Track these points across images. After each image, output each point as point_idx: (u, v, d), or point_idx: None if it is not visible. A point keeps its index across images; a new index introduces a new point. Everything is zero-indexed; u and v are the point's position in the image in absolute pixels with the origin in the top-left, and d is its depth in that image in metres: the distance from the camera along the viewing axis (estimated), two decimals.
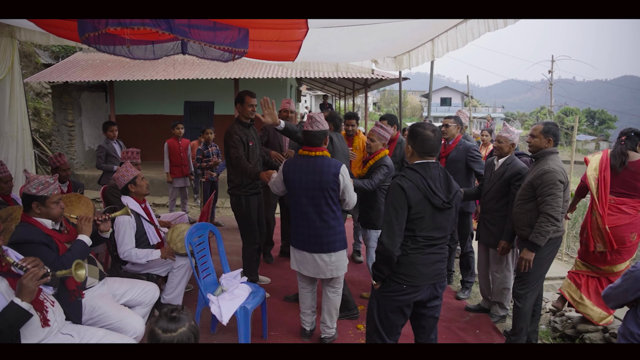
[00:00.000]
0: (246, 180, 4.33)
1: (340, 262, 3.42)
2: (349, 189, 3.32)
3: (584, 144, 47.39)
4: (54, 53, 15.28)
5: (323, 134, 3.37)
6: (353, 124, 5.49)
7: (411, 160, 2.69)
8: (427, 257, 2.62)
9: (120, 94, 10.83)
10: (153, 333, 1.60)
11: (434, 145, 2.62)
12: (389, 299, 2.67)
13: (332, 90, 21.74)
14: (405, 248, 2.59)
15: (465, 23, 4.19)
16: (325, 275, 3.40)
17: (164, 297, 3.87)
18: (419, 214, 2.54)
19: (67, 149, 10.15)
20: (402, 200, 2.52)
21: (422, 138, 2.61)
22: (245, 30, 3.96)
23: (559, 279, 5.45)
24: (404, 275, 2.61)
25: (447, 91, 60.14)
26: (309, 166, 3.32)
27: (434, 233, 2.61)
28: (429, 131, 2.62)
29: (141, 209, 4.02)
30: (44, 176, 2.91)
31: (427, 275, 2.64)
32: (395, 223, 2.53)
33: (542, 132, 3.46)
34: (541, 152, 3.47)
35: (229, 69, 9.57)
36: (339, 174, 3.26)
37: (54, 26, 4.59)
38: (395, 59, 6.21)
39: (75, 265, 2.40)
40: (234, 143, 4.20)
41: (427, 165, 2.61)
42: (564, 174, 3.33)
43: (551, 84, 10.89)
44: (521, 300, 3.48)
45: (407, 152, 2.73)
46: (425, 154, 2.63)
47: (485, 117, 20.22)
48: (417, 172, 2.58)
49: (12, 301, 2.19)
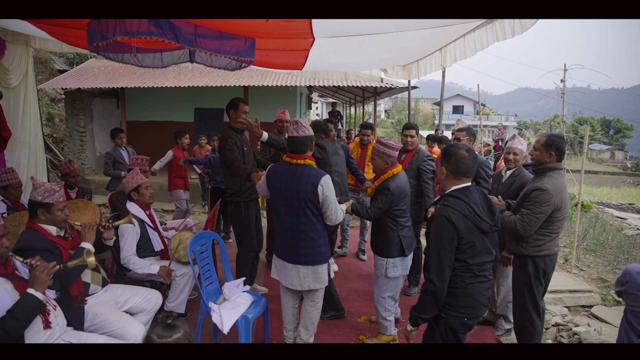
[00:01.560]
0: (245, 185, 4.36)
1: (318, 275, 3.25)
2: (330, 201, 3.09)
3: (598, 153, 46.91)
4: (68, 59, 15.54)
5: (309, 140, 3.18)
6: (368, 134, 5.84)
7: (447, 185, 2.58)
8: (482, 286, 2.54)
9: (131, 100, 10.96)
10: (149, 339, 1.65)
11: (470, 165, 2.53)
12: (450, 336, 2.56)
13: (342, 98, 21.78)
14: (463, 279, 2.48)
15: (474, 33, 4.17)
16: (302, 287, 3.24)
17: (167, 305, 3.88)
18: (470, 242, 2.44)
19: (78, 154, 10.29)
20: (451, 235, 2.40)
21: (456, 158, 2.52)
22: (252, 40, 4.00)
23: (568, 292, 5.37)
24: (462, 307, 2.51)
25: (459, 99, 59.91)
26: (289, 174, 3.15)
27: (484, 258, 2.53)
28: (463, 151, 2.53)
29: (145, 216, 4.05)
30: (49, 183, 2.99)
31: (484, 304, 2.57)
32: (445, 260, 2.42)
33: (543, 145, 3.30)
34: (542, 167, 3.32)
35: (239, 77, 9.64)
36: (318, 185, 3.04)
37: (65, 35, 4.67)
38: (404, 68, 6.21)
39: (85, 253, 2.56)
40: (230, 146, 4.26)
41: (467, 190, 2.51)
42: (557, 196, 3.18)
43: (563, 93, 10.77)
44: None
45: (441, 174, 2.61)
46: (461, 175, 2.53)
47: (497, 125, 20.07)
48: (461, 200, 2.46)
49: (27, 292, 2.32)
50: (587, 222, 9.22)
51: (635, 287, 2.16)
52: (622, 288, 2.27)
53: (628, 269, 2.24)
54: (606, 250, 7.36)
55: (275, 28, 3.58)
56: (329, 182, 3.13)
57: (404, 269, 3.69)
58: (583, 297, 5.33)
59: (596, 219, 9.40)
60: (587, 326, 4.34)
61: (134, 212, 3.95)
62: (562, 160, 3.33)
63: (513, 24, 3.55)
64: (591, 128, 50.00)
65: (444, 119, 45.45)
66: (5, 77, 5.73)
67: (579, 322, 4.43)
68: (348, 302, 4.69)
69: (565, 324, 4.44)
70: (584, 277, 6.05)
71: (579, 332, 4.04)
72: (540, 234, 3.29)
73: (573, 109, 52.63)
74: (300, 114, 14.20)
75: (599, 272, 6.28)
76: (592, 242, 7.73)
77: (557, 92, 12.18)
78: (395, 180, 3.52)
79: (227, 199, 4.51)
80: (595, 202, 14.50)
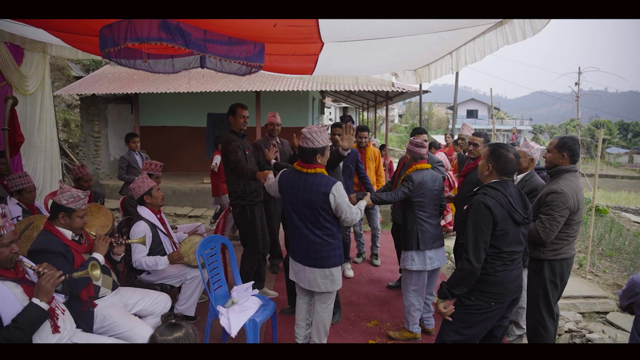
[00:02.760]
0: (249, 188, 4.42)
1: (333, 277, 3.30)
2: (343, 207, 3.13)
3: (616, 157, 46.12)
4: (84, 66, 15.80)
5: (312, 152, 3.16)
6: (365, 136, 5.87)
7: (487, 179, 2.79)
8: (512, 274, 2.73)
9: (145, 105, 11.10)
10: (152, 337, 1.72)
11: (514, 168, 2.75)
12: (473, 315, 2.74)
13: (355, 102, 21.78)
14: (494, 266, 2.68)
15: (483, 36, 4.16)
16: (319, 288, 3.30)
17: (177, 308, 3.91)
18: (503, 230, 2.64)
19: (93, 159, 10.43)
20: (488, 219, 2.61)
21: (505, 160, 2.71)
22: (261, 45, 4.03)
23: (582, 298, 5.29)
24: (491, 293, 2.70)
25: (473, 103, 59.55)
26: (299, 183, 3.20)
27: (515, 247, 2.71)
28: (511, 154, 2.73)
29: (157, 220, 4.09)
30: (77, 190, 3.07)
31: (511, 291, 2.76)
32: (481, 242, 2.62)
33: (556, 147, 3.31)
34: (556, 169, 3.32)
35: (251, 82, 9.70)
36: (330, 194, 3.09)
37: (79, 41, 4.76)
38: (415, 72, 6.20)
39: (90, 266, 2.53)
40: (233, 148, 4.34)
41: (505, 184, 2.72)
42: (573, 198, 3.17)
43: (578, 96, 10.64)
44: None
45: (484, 170, 2.80)
46: (505, 174, 2.74)
47: (511, 129, 19.90)
48: (499, 190, 2.67)
49: (32, 301, 2.33)
50: (602, 226, 9.06)
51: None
52: (633, 300, 2.19)
53: (635, 280, 2.17)
54: (622, 256, 7.22)
55: (283, 33, 3.60)
56: (341, 189, 3.15)
57: (421, 264, 3.83)
58: (598, 303, 5.24)
59: (612, 224, 9.23)
60: (602, 333, 4.26)
61: (146, 216, 4.00)
62: (576, 162, 3.32)
63: (523, 25, 3.52)
64: (609, 131, 49.24)
65: (458, 124, 45.23)
66: (23, 83, 5.85)
67: (593, 329, 4.35)
68: (358, 307, 4.68)
69: (579, 330, 4.36)
70: (598, 283, 5.94)
71: (593, 339, 3.97)
72: (558, 237, 3.26)
73: (589, 112, 51.91)
74: (313, 119, 14.23)
75: (615, 278, 6.16)
76: (608, 247, 7.59)
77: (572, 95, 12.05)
78: (418, 174, 3.87)
79: (231, 203, 4.56)
80: (613, 207, 14.25)
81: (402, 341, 4.00)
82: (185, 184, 9.81)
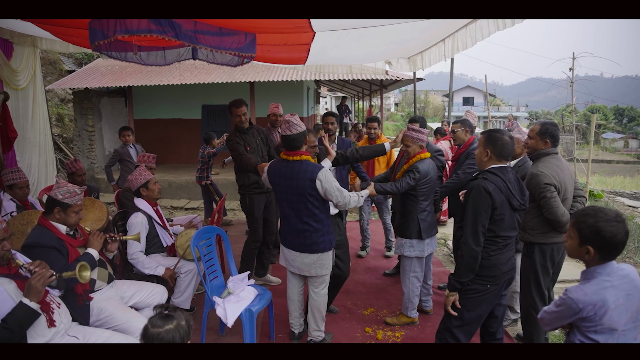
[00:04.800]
0: (248, 180, 4.59)
1: (324, 261, 3.39)
2: (331, 191, 3.19)
3: (611, 142, 46.18)
4: (77, 60, 15.68)
5: (302, 136, 3.29)
6: (375, 126, 5.49)
7: (486, 165, 2.83)
8: (505, 256, 2.80)
9: (138, 98, 11.03)
10: (144, 327, 1.72)
11: (511, 149, 2.82)
12: (472, 299, 2.80)
13: (350, 91, 21.71)
14: (488, 250, 2.74)
15: (475, 23, 4.15)
16: (310, 272, 3.40)
17: (173, 300, 3.93)
18: (501, 215, 2.70)
19: (87, 153, 10.38)
20: (487, 203, 2.67)
21: (502, 143, 2.77)
22: (252, 35, 4.01)
23: (576, 282, 5.32)
24: (486, 276, 2.77)
25: (469, 90, 59.42)
26: (287, 171, 3.28)
27: (510, 233, 2.78)
28: (506, 137, 2.80)
29: (153, 212, 4.09)
30: (73, 185, 3.08)
31: (505, 273, 2.84)
32: (480, 226, 2.68)
33: (538, 133, 3.34)
34: (536, 153, 3.36)
35: (245, 73, 9.65)
36: (316, 180, 3.17)
37: (69, 35, 4.72)
38: (409, 60, 6.18)
39: (79, 267, 2.50)
40: (233, 146, 4.53)
41: (504, 169, 2.78)
42: (554, 177, 3.19)
43: (572, 82, 10.62)
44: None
45: (483, 156, 2.84)
46: (503, 157, 2.80)
47: (507, 116, 19.90)
48: (498, 176, 2.73)
49: (21, 301, 2.31)
50: None
51: (591, 309, 1.86)
52: (577, 317, 1.92)
53: (572, 297, 1.90)
54: None
55: (274, 23, 3.59)
56: (327, 174, 3.23)
57: (420, 251, 3.89)
58: None
59: None
60: None
61: (143, 208, 4.01)
62: (556, 146, 3.35)
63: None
64: (604, 117, 49.29)
65: (454, 111, 45.09)
66: (14, 78, 5.80)
67: None
68: (355, 295, 4.71)
69: None
70: None
71: None
72: (546, 220, 3.28)
73: (585, 98, 51.87)
74: (308, 108, 14.20)
75: None
76: None
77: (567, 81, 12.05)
78: (423, 163, 3.85)
79: (238, 192, 4.77)
80: (608, 192, 14.32)
81: (399, 326, 4.06)
82: (181, 177, 9.79)
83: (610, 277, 1.89)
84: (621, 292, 1.88)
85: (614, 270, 1.90)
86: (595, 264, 1.93)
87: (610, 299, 1.86)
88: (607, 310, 1.85)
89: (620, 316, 1.87)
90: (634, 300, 1.90)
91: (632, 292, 1.90)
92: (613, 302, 1.86)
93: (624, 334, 1.89)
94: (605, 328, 1.88)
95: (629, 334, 1.91)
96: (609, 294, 1.86)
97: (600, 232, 1.87)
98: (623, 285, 1.89)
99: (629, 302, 1.89)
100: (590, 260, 1.93)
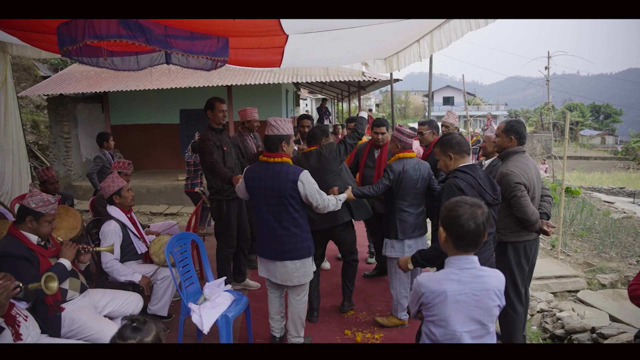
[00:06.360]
0: (226, 185, 4.42)
1: (305, 269, 3.34)
2: (312, 194, 3.18)
3: (589, 138, 47.08)
4: (52, 65, 15.42)
5: (278, 139, 3.23)
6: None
7: (454, 165, 2.90)
8: (484, 256, 2.69)
9: (115, 104, 10.89)
10: (112, 339, 1.67)
11: (466, 142, 2.94)
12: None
13: (329, 93, 21.75)
14: None
15: (448, 23, 4.19)
16: (292, 282, 3.33)
17: (150, 308, 3.88)
18: None
19: (64, 160, 10.18)
20: None
21: (456, 141, 2.91)
22: (225, 39, 3.97)
23: (554, 278, 5.41)
24: None
25: (449, 90, 60.00)
26: (267, 173, 3.22)
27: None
28: (456, 134, 2.99)
29: (127, 219, 4.03)
30: (47, 195, 3.02)
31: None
32: None
33: (503, 131, 3.39)
34: (505, 152, 3.41)
35: (222, 77, 9.59)
36: (298, 181, 3.14)
37: (37, 40, 4.63)
38: (385, 61, 6.21)
39: (45, 278, 2.44)
40: (208, 149, 4.33)
41: (473, 167, 2.86)
42: (524, 176, 3.24)
43: (548, 80, 10.81)
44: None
45: (447, 160, 2.93)
46: (465, 152, 2.90)
47: (486, 115, 20.14)
48: (468, 173, 2.81)
49: None
50: (574, 207, 9.28)
51: (429, 295, 1.92)
52: (421, 301, 1.97)
53: (419, 281, 1.98)
54: (593, 235, 7.41)
55: (245, 26, 3.56)
56: (308, 176, 3.21)
57: (400, 252, 3.85)
58: (569, 282, 5.37)
59: (583, 204, 9.45)
60: (572, 311, 4.37)
61: (116, 216, 3.94)
62: (523, 143, 3.40)
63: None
64: (581, 114, 50.19)
65: (434, 111, 45.48)
66: None
67: (563, 308, 4.45)
68: (334, 297, 4.70)
69: (550, 309, 4.46)
70: (570, 263, 6.09)
71: (562, 317, 4.07)
72: (515, 219, 3.31)
73: (562, 96, 52.84)
74: (287, 111, 14.16)
75: (585, 257, 6.33)
76: (580, 228, 7.78)
77: (544, 79, 12.25)
78: (399, 163, 3.83)
79: (209, 197, 4.61)
80: (586, 188, 14.58)
81: (390, 327, 4.04)
82: (159, 182, 9.68)
83: (459, 271, 1.92)
84: (466, 290, 1.90)
85: (468, 266, 1.93)
86: (453, 254, 1.97)
87: (450, 292, 1.88)
88: (444, 301, 1.88)
89: (457, 313, 1.89)
90: (479, 303, 1.91)
91: (480, 295, 1.90)
92: (452, 297, 1.88)
93: (470, 337, 1.92)
94: (441, 320, 1.91)
95: (475, 339, 1.94)
96: (451, 286, 1.90)
97: (452, 220, 1.93)
98: (472, 284, 1.91)
99: (473, 303, 1.90)
100: (447, 245, 1.98)
